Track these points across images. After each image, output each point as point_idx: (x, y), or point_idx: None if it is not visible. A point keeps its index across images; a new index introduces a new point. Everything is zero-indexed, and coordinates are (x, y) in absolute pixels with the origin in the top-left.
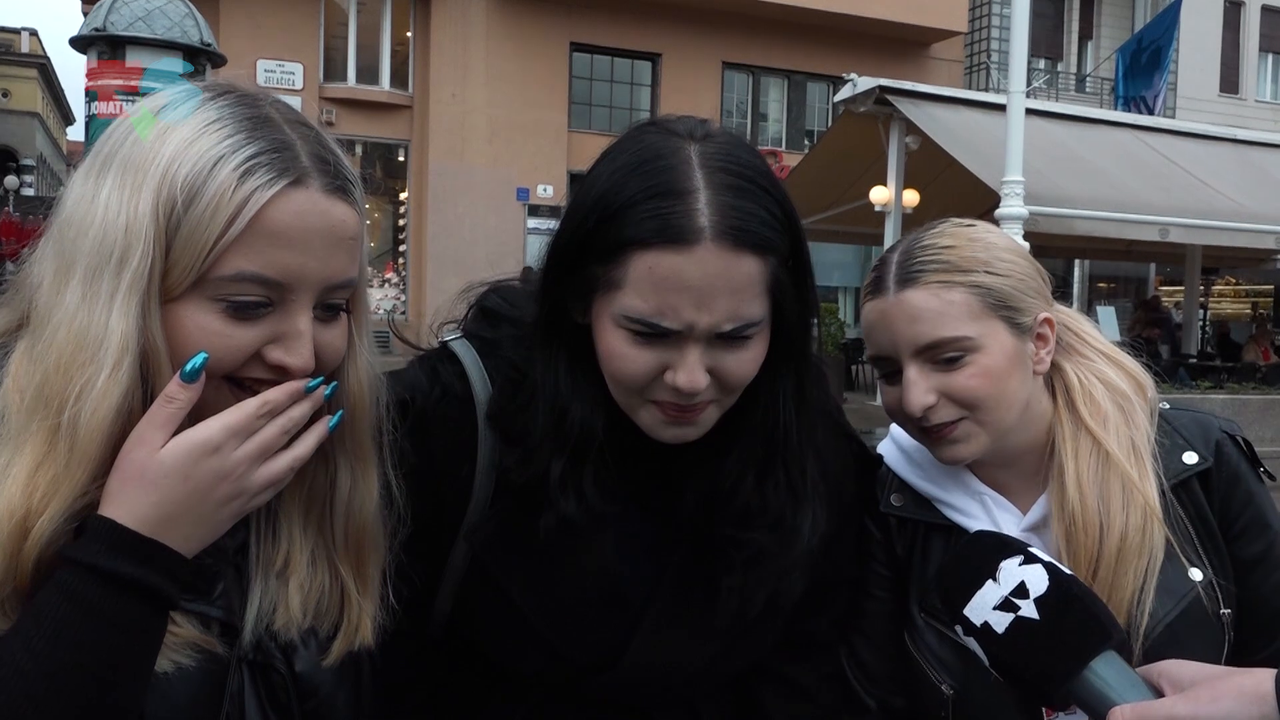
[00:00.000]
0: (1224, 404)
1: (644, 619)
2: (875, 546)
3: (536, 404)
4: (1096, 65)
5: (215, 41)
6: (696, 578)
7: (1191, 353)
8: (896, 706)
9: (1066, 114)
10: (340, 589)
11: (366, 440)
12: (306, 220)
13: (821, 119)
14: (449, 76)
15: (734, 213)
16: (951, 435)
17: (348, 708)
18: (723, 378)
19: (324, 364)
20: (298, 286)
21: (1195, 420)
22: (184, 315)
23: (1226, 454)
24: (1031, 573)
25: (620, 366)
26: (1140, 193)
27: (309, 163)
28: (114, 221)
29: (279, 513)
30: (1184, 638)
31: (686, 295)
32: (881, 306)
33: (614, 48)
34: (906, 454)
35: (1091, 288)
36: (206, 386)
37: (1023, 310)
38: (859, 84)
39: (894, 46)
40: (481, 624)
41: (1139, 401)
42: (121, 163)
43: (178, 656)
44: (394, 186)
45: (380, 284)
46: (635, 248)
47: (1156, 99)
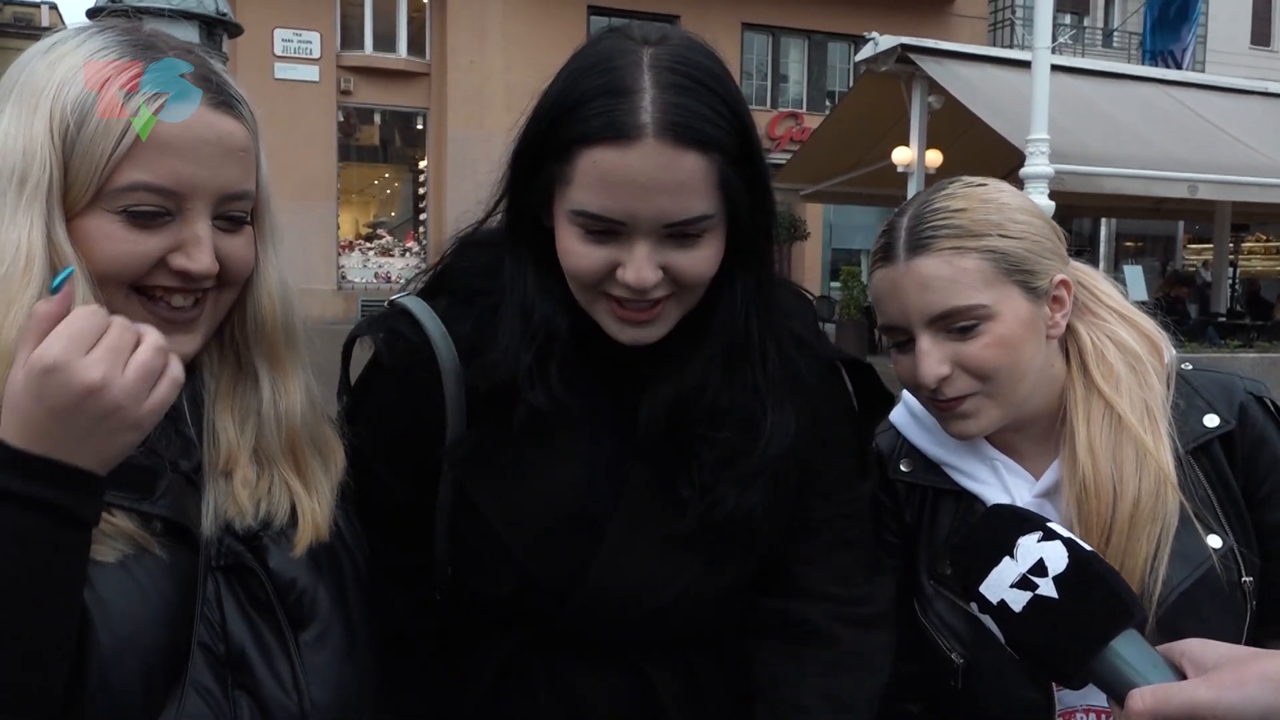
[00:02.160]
0: (1253, 363)
1: (610, 529)
2: (884, 514)
3: (506, 306)
4: (1124, 19)
5: (231, 11)
6: (659, 490)
7: (1220, 311)
8: (908, 673)
9: (1093, 70)
10: (287, 487)
11: (281, 349)
12: (193, 130)
13: (843, 79)
14: (466, 43)
15: (676, 109)
16: (961, 409)
17: (333, 603)
18: (676, 274)
19: (232, 273)
20: (191, 195)
21: (1217, 381)
22: (89, 226)
23: (1251, 416)
24: (1050, 550)
25: (574, 263)
26: (1169, 149)
27: (192, 80)
28: (12, 146)
29: (215, 421)
30: (1200, 606)
31: (629, 190)
32: (892, 275)
33: (632, 10)
34: (917, 419)
35: (1119, 247)
36: (115, 297)
37: (1038, 273)
38: (880, 43)
39: (916, 4)
40: (466, 552)
41: (1153, 362)
42: (18, 93)
43: (120, 545)
44: (413, 155)
45: (401, 253)
46: (582, 144)
47: (1185, 53)
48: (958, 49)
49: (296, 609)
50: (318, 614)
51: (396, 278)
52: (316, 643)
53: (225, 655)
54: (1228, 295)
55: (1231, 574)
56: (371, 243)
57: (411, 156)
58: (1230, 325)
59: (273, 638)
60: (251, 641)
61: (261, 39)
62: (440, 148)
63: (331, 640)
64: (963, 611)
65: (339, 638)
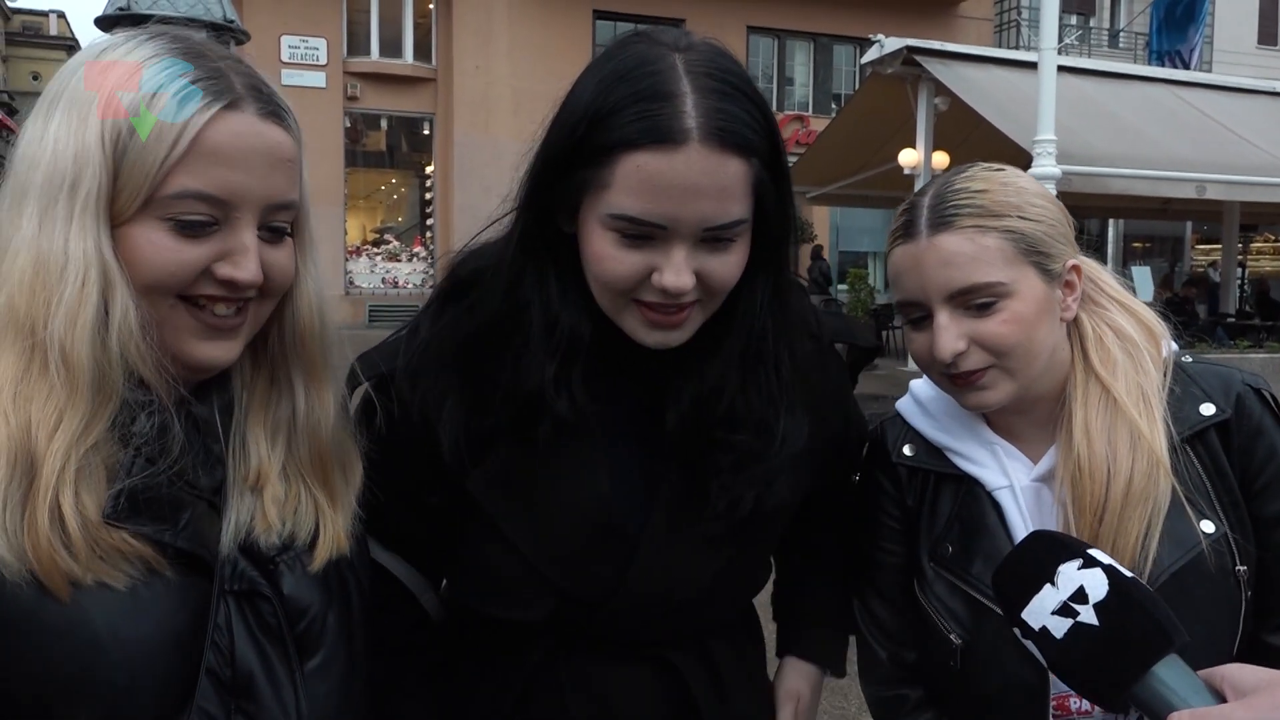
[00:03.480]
0: (1263, 363)
1: (641, 540)
2: (886, 500)
3: (529, 315)
4: (1130, 20)
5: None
6: (687, 494)
7: (1230, 311)
8: (907, 660)
9: (1099, 70)
10: (314, 502)
11: (318, 360)
12: (244, 140)
13: (848, 82)
14: (472, 48)
15: (719, 115)
16: (980, 382)
17: (340, 627)
18: (707, 280)
19: (274, 283)
20: (240, 204)
21: (1216, 373)
22: (136, 235)
23: (1249, 407)
24: (1091, 577)
25: (608, 268)
26: (1176, 149)
27: (243, 90)
28: (63, 152)
29: (247, 435)
30: (1191, 589)
31: (673, 194)
32: (913, 251)
33: (637, 14)
34: (920, 405)
35: (1126, 247)
36: (160, 306)
37: (1053, 256)
38: (886, 45)
39: (921, 6)
40: (486, 580)
41: (1150, 349)
42: (67, 100)
43: (132, 570)
44: (419, 160)
45: (408, 258)
46: (623, 149)
47: (1192, 53)
48: (963, 50)
49: (305, 636)
50: (324, 642)
51: (404, 283)
52: (320, 671)
53: (232, 681)
54: (1237, 296)
55: (1224, 560)
56: (379, 248)
57: (418, 162)
58: (1239, 326)
59: (280, 665)
60: (259, 668)
61: (268, 45)
62: (447, 153)
63: (335, 669)
64: (961, 593)
65: (342, 666)
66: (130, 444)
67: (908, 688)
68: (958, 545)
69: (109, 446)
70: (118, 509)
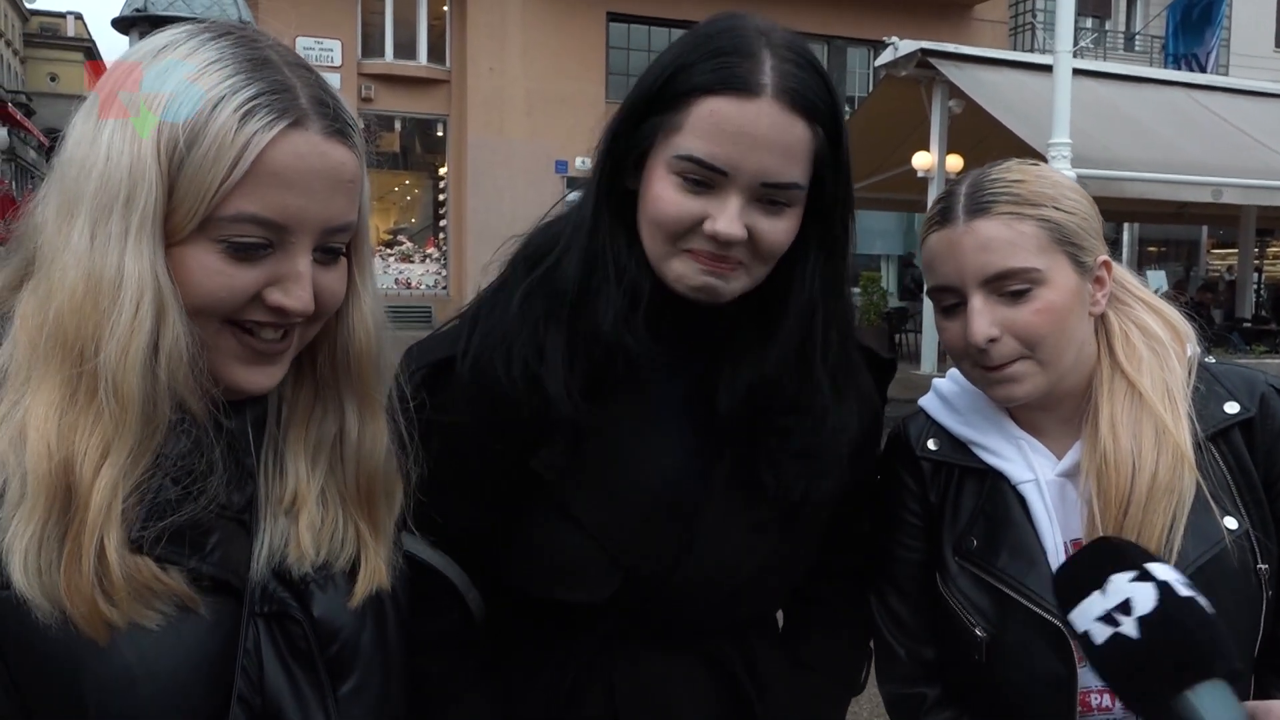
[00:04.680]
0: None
1: (700, 518)
2: (908, 496)
3: (605, 261)
4: (1146, 23)
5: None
6: (739, 478)
7: (1246, 316)
8: (926, 657)
9: (1115, 73)
10: (355, 531)
11: (372, 384)
12: (307, 162)
13: (862, 84)
14: (486, 50)
15: (793, 78)
16: (1009, 373)
17: (374, 650)
18: (757, 239)
19: (323, 307)
20: (297, 229)
21: (1240, 374)
22: (187, 256)
23: (1272, 408)
24: (1140, 590)
25: (665, 209)
26: (1192, 153)
27: (308, 105)
28: (118, 162)
29: (285, 453)
30: (1215, 585)
31: (741, 141)
32: (950, 235)
33: (651, 17)
34: (946, 401)
35: (1141, 251)
36: (208, 328)
37: (1085, 250)
38: (900, 47)
39: (936, 8)
40: (550, 561)
41: (1174, 347)
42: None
43: (165, 608)
44: (433, 161)
45: (422, 259)
46: (700, 94)
47: (1209, 56)
48: (978, 53)
49: (337, 660)
50: (358, 665)
51: (416, 283)
52: (354, 695)
53: (261, 708)
54: (1253, 301)
55: (1246, 558)
56: (392, 249)
57: (432, 163)
58: (1256, 331)
59: (310, 690)
60: (289, 693)
61: None
62: (460, 154)
63: (369, 692)
64: (987, 586)
65: (377, 688)
66: (161, 468)
67: (926, 686)
68: (982, 539)
69: (147, 476)
70: (144, 536)
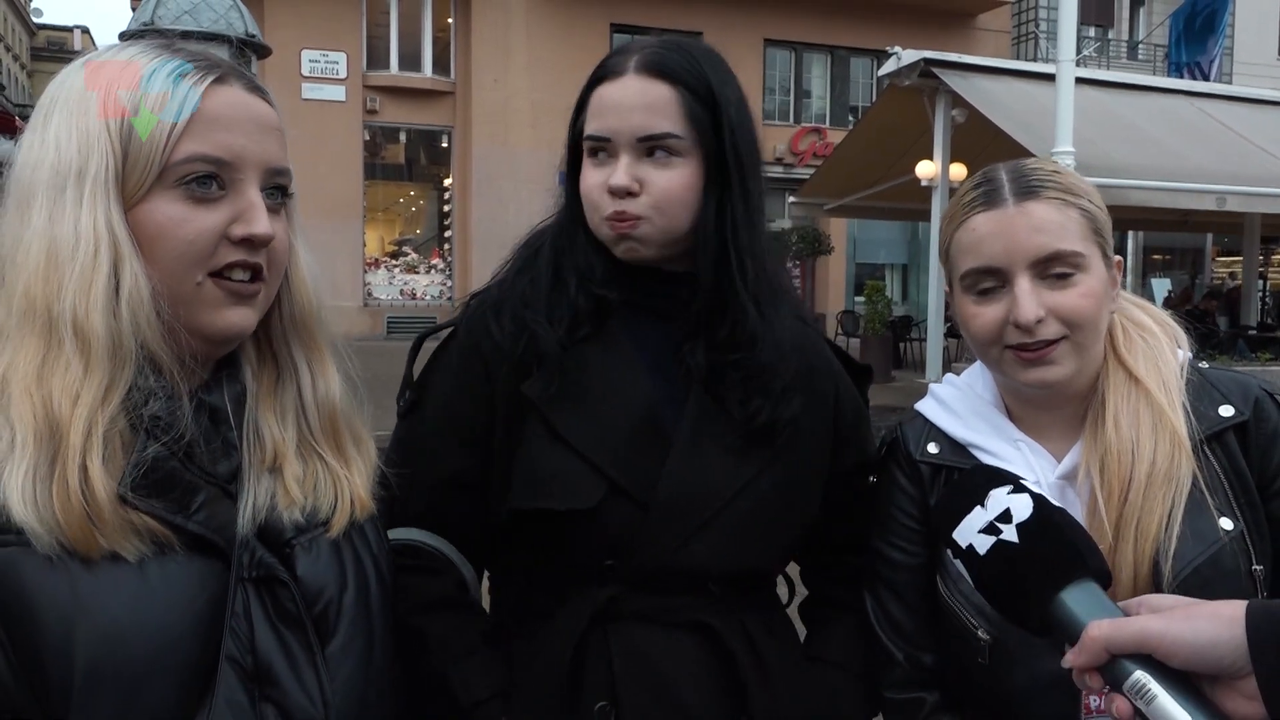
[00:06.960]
0: None
1: (677, 436)
2: (905, 500)
3: (570, 245)
4: (1149, 32)
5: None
6: (711, 406)
7: (1251, 324)
8: (924, 662)
9: (1118, 82)
10: (331, 474)
11: (317, 334)
12: (238, 110)
13: (865, 94)
14: (491, 62)
15: (653, 54)
16: (1050, 356)
17: (357, 608)
18: (649, 189)
19: (277, 254)
20: (242, 165)
21: (1233, 378)
22: (152, 210)
23: (1266, 411)
24: (1017, 500)
25: (584, 185)
26: (1196, 161)
27: (227, 69)
28: (67, 146)
29: (259, 420)
30: (1213, 585)
31: (616, 110)
32: (998, 216)
33: (655, 28)
34: (943, 404)
35: (1146, 259)
36: (188, 284)
37: (1110, 244)
38: (903, 57)
39: (939, 18)
40: (540, 474)
41: (1165, 340)
42: (63, 103)
43: (140, 545)
44: (438, 173)
45: (427, 270)
46: (590, 89)
47: (1212, 65)
48: (981, 62)
49: (323, 620)
50: (342, 623)
51: (421, 294)
52: (341, 653)
53: (253, 668)
54: (1258, 308)
55: (1241, 559)
56: (397, 260)
57: (436, 174)
58: (1261, 338)
59: (300, 649)
60: (279, 654)
61: (289, 60)
62: (465, 165)
63: (355, 650)
64: None
65: (361, 646)
66: (142, 427)
67: (925, 690)
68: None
69: (125, 423)
70: (132, 487)
